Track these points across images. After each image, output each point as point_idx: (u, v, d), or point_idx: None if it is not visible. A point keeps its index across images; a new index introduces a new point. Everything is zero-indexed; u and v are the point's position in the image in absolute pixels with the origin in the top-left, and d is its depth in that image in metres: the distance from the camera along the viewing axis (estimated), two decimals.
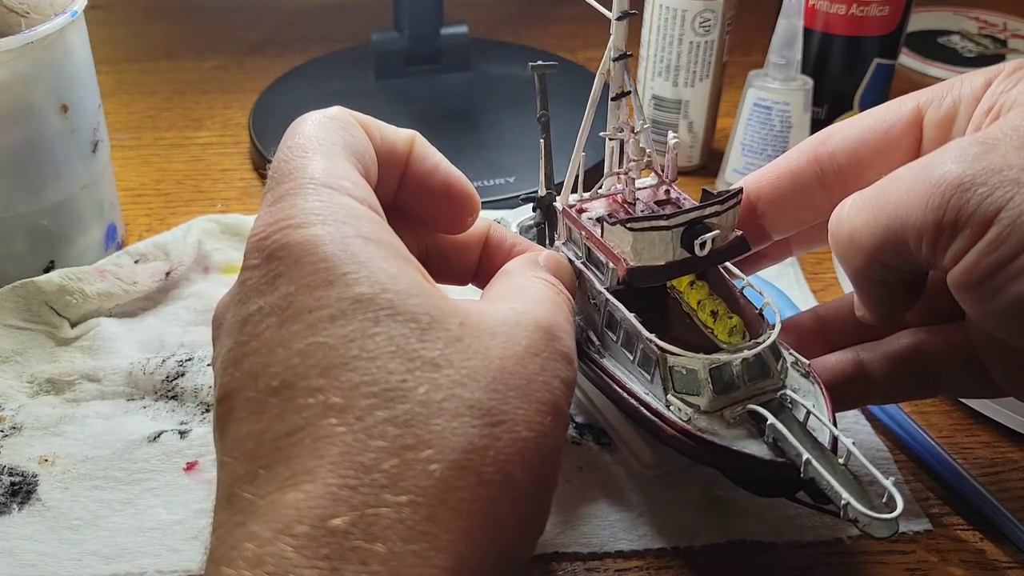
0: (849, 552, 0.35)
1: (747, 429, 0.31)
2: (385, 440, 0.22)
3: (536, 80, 0.37)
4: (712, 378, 0.31)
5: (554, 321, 0.28)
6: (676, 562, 0.35)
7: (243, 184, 0.58)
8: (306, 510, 0.21)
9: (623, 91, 0.34)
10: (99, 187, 0.48)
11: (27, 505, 0.36)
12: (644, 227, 0.32)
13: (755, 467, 0.31)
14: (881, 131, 0.32)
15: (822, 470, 0.29)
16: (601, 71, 0.34)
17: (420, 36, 0.65)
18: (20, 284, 0.43)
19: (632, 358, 0.34)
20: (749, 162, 0.55)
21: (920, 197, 0.27)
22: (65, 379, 0.41)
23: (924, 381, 0.35)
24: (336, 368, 0.23)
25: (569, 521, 0.36)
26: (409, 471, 0.22)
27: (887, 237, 0.29)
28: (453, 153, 0.56)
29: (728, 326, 0.33)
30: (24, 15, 0.46)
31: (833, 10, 0.56)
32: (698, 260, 0.33)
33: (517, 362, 0.25)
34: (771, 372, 0.32)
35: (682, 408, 0.31)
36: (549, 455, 0.25)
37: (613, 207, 0.36)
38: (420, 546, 0.21)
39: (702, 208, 0.32)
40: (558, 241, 0.38)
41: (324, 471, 0.21)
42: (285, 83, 0.66)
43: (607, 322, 0.35)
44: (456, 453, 0.22)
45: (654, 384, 0.33)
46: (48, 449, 0.38)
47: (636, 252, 0.32)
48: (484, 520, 0.22)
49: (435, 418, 0.23)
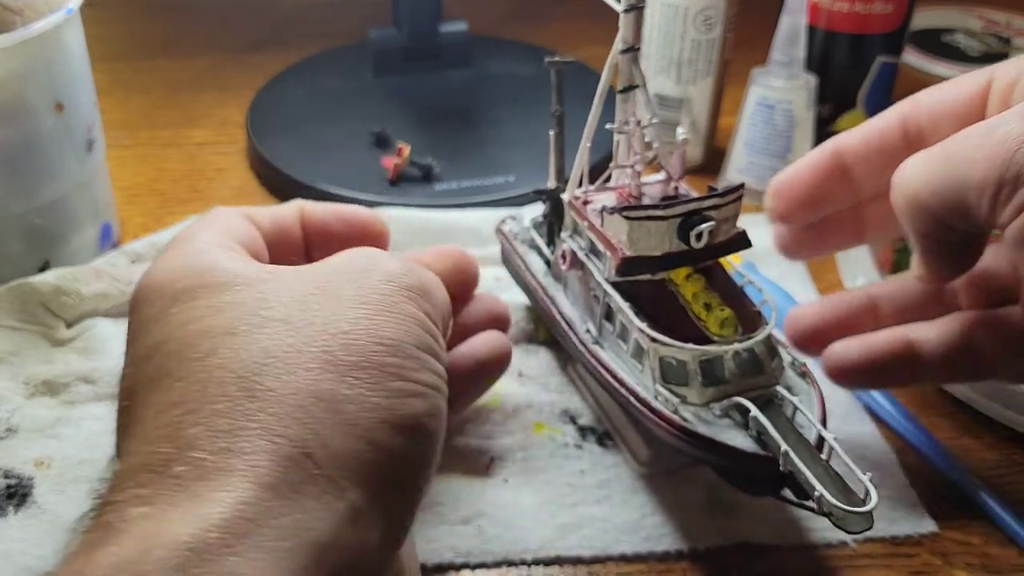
0: (853, 555, 0.35)
1: (733, 422, 0.31)
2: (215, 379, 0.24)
3: (553, 75, 0.37)
4: (702, 370, 0.31)
5: (382, 257, 0.29)
6: (679, 565, 0.34)
7: (239, 183, 0.58)
8: None
9: (631, 84, 0.34)
10: (94, 186, 0.47)
11: (23, 508, 0.35)
12: (640, 216, 0.32)
13: (737, 460, 0.31)
14: (958, 97, 0.34)
15: (799, 463, 0.29)
16: (609, 64, 0.34)
17: (419, 33, 0.64)
18: (15, 284, 0.43)
19: (627, 349, 0.34)
20: (752, 160, 0.54)
21: (983, 153, 0.28)
22: (61, 381, 0.40)
23: (976, 364, 0.35)
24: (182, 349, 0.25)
25: (571, 524, 0.35)
26: None
27: (949, 194, 0.29)
28: (452, 151, 0.57)
29: (720, 318, 0.33)
30: (19, 13, 0.46)
31: (836, 7, 0.55)
32: (694, 252, 0.33)
33: (334, 271, 0.28)
34: (764, 368, 0.32)
35: (669, 399, 0.31)
36: (391, 346, 0.26)
37: (619, 200, 0.36)
38: None
39: (700, 200, 0.32)
40: (564, 233, 0.38)
41: None
42: (282, 81, 0.65)
43: (605, 313, 0.35)
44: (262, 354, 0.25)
45: (644, 375, 0.33)
46: (44, 451, 0.37)
47: (632, 241, 0.33)
48: None
49: None
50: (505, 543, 0.34)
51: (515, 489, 0.37)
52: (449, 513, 0.36)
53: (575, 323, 0.37)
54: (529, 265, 0.41)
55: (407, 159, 0.54)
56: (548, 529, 0.35)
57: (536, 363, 0.43)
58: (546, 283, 0.40)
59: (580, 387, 0.41)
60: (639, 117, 0.35)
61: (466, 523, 0.35)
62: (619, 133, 0.36)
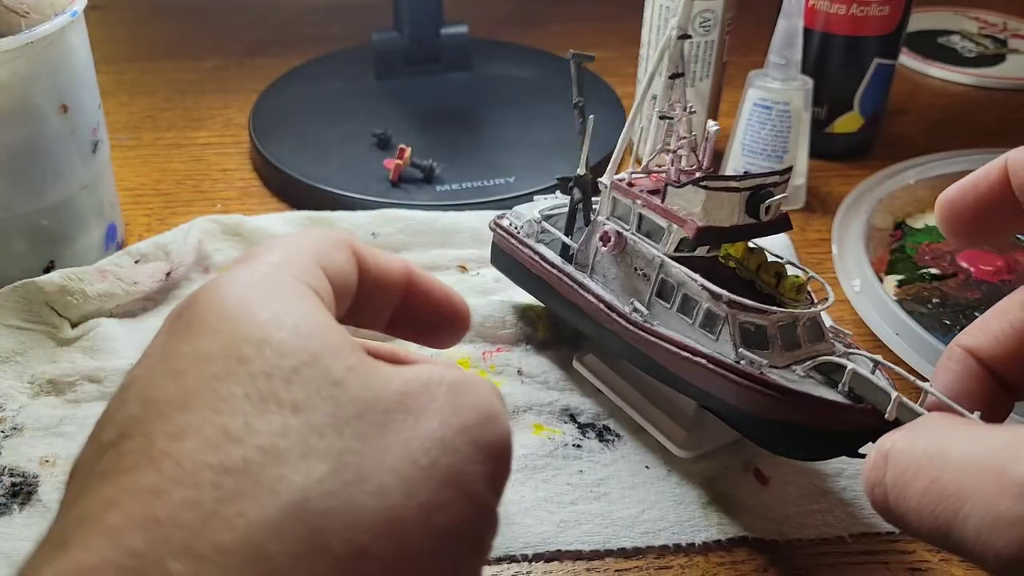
0: (850, 551, 0.35)
1: (817, 381, 0.32)
2: (198, 488, 0.17)
3: (573, 68, 0.39)
4: (781, 334, 0.33)
5: (481, 388, 0.22)
6: (677, 560, 0.35)
7: (243, 184, 0.58)
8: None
9: (678, 71, 0.35)
10: (99, 187, 0.48)
11: (28, 506, 0.36)
12: (717, 187, 0.33)
13: (837, 413, 0.31)
14: None
15: (912, 405, 0.29)
16: (662, 48, 0.35)
17: (420, 36, 0.65)
18: (20, 284, 0.43)
19: (691, 321, 0.34)
20: (749, 162, 0.55)
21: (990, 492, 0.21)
22: (66, 380, 0.41)
23: None
24: (172, 408, 0.19)
25: (570, 519, 0.36)
26: (211, 526, 0.17)
27: (941, 528, 0.22)
28: (453, 153, 0.57)
29: (795, 284, 0.34)
30: (24, 15, 0.46)
31: (833, 10, 0.56)
32: (760, 225, 0.34)
33: (401, 403, 0.20)
34: (825, 335, 0.34)
35: (754, 361, 0.32)
36: (444, 535, 0.19)
37: (658, 183, 0.37)
38: None
39: (765, 176, 0.34)
40: (600, 216, 0.38)
41: (105, 536, 0.17)
42: (285, 83, 0.66)
43: (658, 291, 0.36)
44: (276, 508, 0.17)
45: (721, 343, 0.33)
46: (49, 450, 0.38)
47: (706, 211, 0.34)
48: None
49: (273, 466, 0.18)
50: (506, 539, 0.35)
51: (515, 487, 0.37)
52: None
53: (616, 305, 0.37)
54: (544, 256, 0.41)
55: (408, 160, 0.54)
56: (548, 525, 0.35)
57: (536, 363, 0.43)
58: (570, 271, 0.40)
59: (593, 380, 0.41)
60: (685, 103, 0.36)
61: None
62: (664, 119, 0.37)
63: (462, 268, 0.49)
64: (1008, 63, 0.75)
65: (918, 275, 0.50)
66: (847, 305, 0.48)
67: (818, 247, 0.53)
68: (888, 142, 0.63)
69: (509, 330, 0.44)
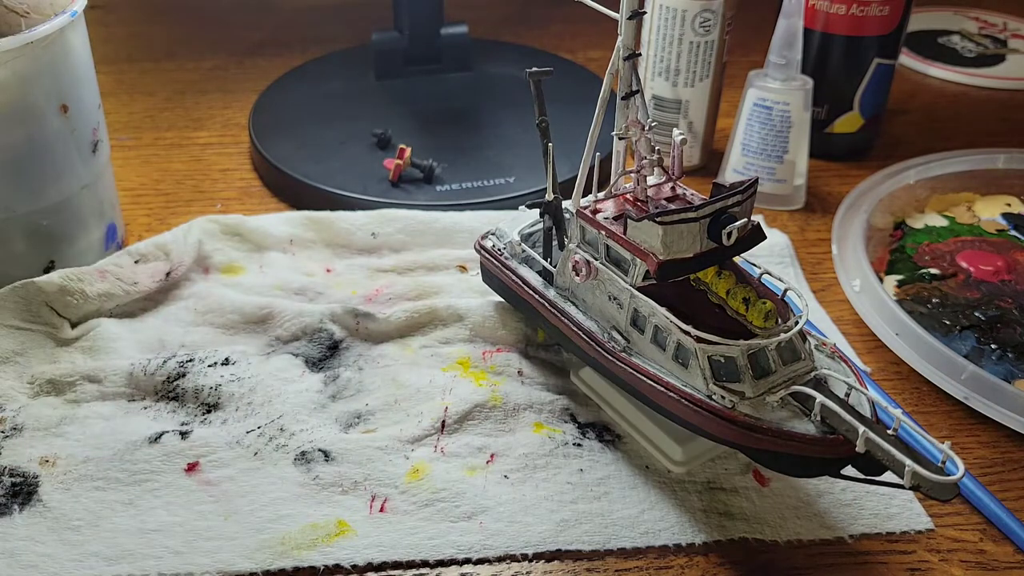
0: (850, 552, 0.35)
1: (791, 411, 0.32)
2: None
3: (532, 86, 0.37)
4: (751, 364, 0.32)
5: None
6: (677, 560, 0.35)
7: (243, 184, 0.58)
8: None
9: (632, 90, 0.35)
10: (99, 187, 0.48)
11: (28, 506, 0.36)
12: (673, 220, 0.32)
13: (808, 446, 0.31)
14: None
15: (880, 441, 0.29)
16: (610, 71, 0.35)
17: (420, 36, 0.65)
18: (20, 284, 0.43)
19: (665, 353, 0.34)
20: (749, 162, 0.55)
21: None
22: (66, 380, 0.41)
23: None
24: None
25: (570, 519, 0.36)
26: None
27: None
28: (453, 153, 0.57)
29: (763, 311, 0.33)
30: (24, 15, 0.46)
31: (833, 10, 0.56)
32: (725, 250, 0.33)
33: None
34: (801, 355, 0.33)
35: (726, 396, 0.32)
36: None
37: (624, 206, 0.36)
38: None
39: (726, 198, 0.33)
40: (571, 243, 0.38)
41: None
42: (285, 83, 0.66)
43: (632, 319, 0.35)
44: None
45: (692, 376, 0.33)
46: (49, 450, 0.38)
47: (665, 245, 0.33)
48: None
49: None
50: (506, 538, 0.35)
51: (515, 486, 0.37)
52: (451, 510, 0.36)
53: (595, 334, 0.37)
54: (526, 280, 0.40)
55: (408, 160, 0.54)
56: (548, 525, 0.35)
57: (536, 363, 0.43)
58: (552, 297, 0.39)
59: (592, 395, 0.41)
60: (640, 121, 0.35)
61: (468, 519, 0.36)
62: (621, 139, 0.36)
63: (462, 268, 0.49)
64: (1008, 63, 0.75)
65: (918, 275, 0.50)
66: (847, 305, 0.48)
67: (818, 247, 0.53)
68: (888, 142, 0.63)
69: (509, 330, 0.44)
